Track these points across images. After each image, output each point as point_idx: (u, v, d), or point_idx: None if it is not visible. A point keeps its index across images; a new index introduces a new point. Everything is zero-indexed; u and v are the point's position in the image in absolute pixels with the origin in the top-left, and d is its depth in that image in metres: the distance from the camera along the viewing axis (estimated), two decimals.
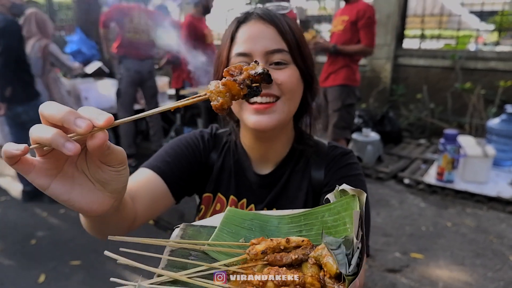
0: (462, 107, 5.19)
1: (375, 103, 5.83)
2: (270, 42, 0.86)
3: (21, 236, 3.24)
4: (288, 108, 0.89)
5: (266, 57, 0.86)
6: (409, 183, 3.88)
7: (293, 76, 0.88)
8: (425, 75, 5.61)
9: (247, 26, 0.89)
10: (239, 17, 0.90)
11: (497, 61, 5.03)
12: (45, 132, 0.43)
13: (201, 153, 1.03)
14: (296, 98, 0.92)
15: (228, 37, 0.90)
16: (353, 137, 4.37)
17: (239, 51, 0.87)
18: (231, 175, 1.02)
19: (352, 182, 0.93)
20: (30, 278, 2.69)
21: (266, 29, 0.87)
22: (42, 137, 0.43)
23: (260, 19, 0.88)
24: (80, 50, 5.31)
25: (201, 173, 1.03)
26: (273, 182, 1.00)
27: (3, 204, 3.85)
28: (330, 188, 0.94)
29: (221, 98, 0.49)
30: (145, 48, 4.18)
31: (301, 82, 0.92)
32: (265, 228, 0.60)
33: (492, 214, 3.28)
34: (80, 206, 0.51)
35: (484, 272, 2.53)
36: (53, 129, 0.43)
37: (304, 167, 1.00)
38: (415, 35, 7.78)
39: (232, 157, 1.03)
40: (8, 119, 3.80)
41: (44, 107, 0.45)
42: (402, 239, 2.92)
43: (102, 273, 2.74)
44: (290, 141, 1.01)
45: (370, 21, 3.46)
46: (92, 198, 0.51)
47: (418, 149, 4.82)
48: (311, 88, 0.97)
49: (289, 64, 0.88)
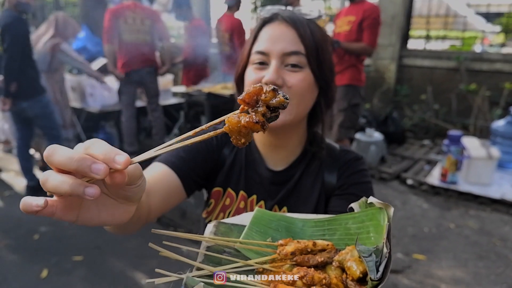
0: (466, 109, 5.17)
1: (379, 104, 5.81)
2: (288, 44, 0.88)
3: (24, 231, 3.26)
4: (296, 111, 0.90)
5: (282, 58, 0.88)
6: (412, 184, 3.87)
7: (305, 80, 0.88)
8: (429, 76, 5.59)
9: (270, 26, 0.91)
10: (266, 17, 0.93)
11: (503, 62, 5.01)
12: (62, 184, 0.41)
13: (214, 148, 1.03)
14: (306, 102, 0.92)
15: (252, 35, 0.93)
16: (356, 137, 4.36)
17: (258, 49, 0.90)
18: (242, 170, 1.03)
19: (363, 189, 0.97)
20: (32, 273, 2.71)
21: (287, 31, 0.89)
22: (60, 190, 0.42)
23: (284, 21, 0.90)
24: (85, 47, 5.33)
25: (213, 168, 1.04)
26: (285, 180, 1.01)
27: (7, 199, 3.87)
28: (342, 192, 0.97)
29: (243, 138, 0.48)
30: (146, 50, 4.13)
31: (315, 87, 0.93)
32: (290, 229, 0.63)
33: (495, 216, 3.27)
34: (111, 223, 0.51)
35: (487, 275, 2.52)
36: (68, 179, 0.41)
37: (317, 169, 1.01)
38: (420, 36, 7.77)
39: (244, 153, 1.04)
40: (13, 114, 3.82)
41: (52, 154, 0.42)
42: (404, 240, 2.92)
43: (103, 269, 2.76)
44: (302, 142, 1.02)
45: (375, 22, 3.46)
46: (119, 212, 0.52)
47: (421, 150, 4.81)
48: (326, 96, 0.97)
49: (304, 67, 0.88)
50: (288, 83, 0.87)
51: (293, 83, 0.87)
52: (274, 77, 0.85)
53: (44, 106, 3.68)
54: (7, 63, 3.34)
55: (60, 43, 4.01)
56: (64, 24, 4.08)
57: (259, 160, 1.03)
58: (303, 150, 1.02)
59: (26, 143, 3.88)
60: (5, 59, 3.34)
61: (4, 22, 3.34)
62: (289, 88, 0.87)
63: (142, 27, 4.15)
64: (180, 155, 0.97)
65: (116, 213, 0.51)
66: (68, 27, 4.11)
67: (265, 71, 0.88)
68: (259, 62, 0.90)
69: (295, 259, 0.53)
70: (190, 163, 0.96)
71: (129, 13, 4.07)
